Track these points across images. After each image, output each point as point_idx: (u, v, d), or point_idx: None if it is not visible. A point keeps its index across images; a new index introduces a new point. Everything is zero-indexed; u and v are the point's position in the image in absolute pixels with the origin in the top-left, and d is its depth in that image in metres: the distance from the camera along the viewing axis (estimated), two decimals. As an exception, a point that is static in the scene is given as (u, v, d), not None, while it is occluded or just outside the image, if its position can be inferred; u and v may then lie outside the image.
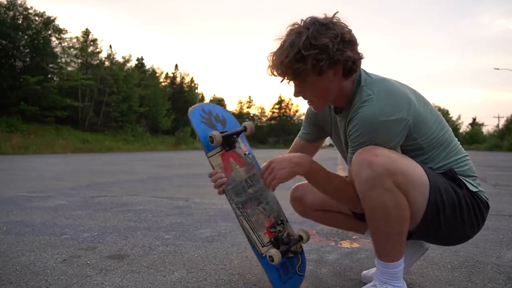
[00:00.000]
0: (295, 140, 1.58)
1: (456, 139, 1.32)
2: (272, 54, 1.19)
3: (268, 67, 1.21)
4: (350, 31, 1.16)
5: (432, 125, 1.23)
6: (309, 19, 1.15)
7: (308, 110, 1.49)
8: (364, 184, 1.14)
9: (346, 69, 1.16)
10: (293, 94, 1.25)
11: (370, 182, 1.12)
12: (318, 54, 1.11)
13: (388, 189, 1.11)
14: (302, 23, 1.15)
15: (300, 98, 1.26)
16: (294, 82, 1.21)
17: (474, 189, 1.24)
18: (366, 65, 1.26)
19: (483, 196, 1.26)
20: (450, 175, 1.23)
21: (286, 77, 1.20)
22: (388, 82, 1.21)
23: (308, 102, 1.27)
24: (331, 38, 1.11)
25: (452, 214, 1.19)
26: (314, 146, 1.56)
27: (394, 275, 1.22)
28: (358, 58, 1.17)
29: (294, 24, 1.17)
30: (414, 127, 1.18)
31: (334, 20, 1.15)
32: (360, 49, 1.19)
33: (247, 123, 1.40)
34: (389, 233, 1.17)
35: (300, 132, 1.56)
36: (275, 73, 1.20)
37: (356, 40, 1.17)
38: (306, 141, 1.54)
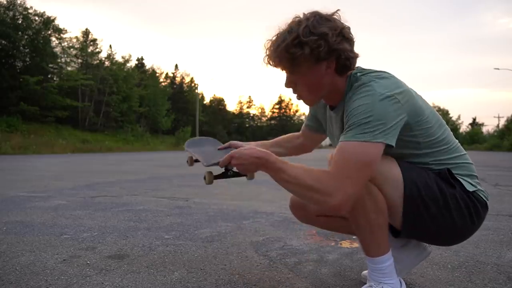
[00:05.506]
0: (302, 127, 1.63)
1: (457, 141, 1.31)
2: (268, 41, 1.19)
3: (264, 55, 1.20)
4: (349, 28, 1.17)
5: (430, 119, 1.20)
6: (310, 12, 1.16)
7: None
8: None
9: (340, 64, 1.16)
10: (284, 85, 1.23)
11: None
12: (317, 40, 1.11)
13: None
14: (303, 16, 1.15)
15: (291, 91, 1.24)
16: (287, 71, 1.19)
17: (472, 189, 1.22)
18: (365, 65, 1.26)
19: (481, 196, 1.24)
20: (442, 174, 1.22)
21: (280, 64, 1.18)
22: (383, 72, 1.21)
23: (297, 96, 1.25)
24: (330, 28, 1.12)
25: (438, 211, 1.18)
26: (314, 138, 1.59)
27: (383, 271, 1.24)
28: (353, 56, 1.17)
29: (295, 17, 1.16)
30: (410, 116, 1.14)
31: (335, 16, 1.16)
32: (359, 48, 1.19)
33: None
34: (368, 226, 1.20)
35: (305, 120, 1.60)
36: (270, 61, 1.19)
37: (353, 39, 1.17)
38: (308, 128, 1.58)
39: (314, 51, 1.12)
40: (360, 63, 1.22)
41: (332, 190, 1.06)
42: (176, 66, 53.23)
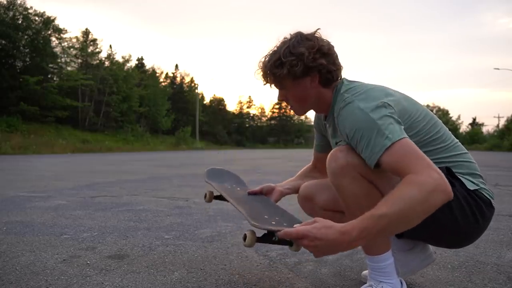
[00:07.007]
0: (313, 151, 1.64)
1: (457, 140, 1.31)
2: (259, 62, 1.34)
3: (255, 72, 1.35)
4: (328, 43, 1.28)
5: (423, 118, 1.23)
6: (295, 32, 1.29)
7: (314, 120, 1.57)
8: (333, 175, 1.22)
9: (323, 78, 1.27)
10: (277, 98, 1.38)
11: (337, 172, 1.20)
12: (293, 61, 1.23)
13: (354, 177, 1.18)
14: (289, 36, 1.29)
15: (284, 103, 1.38)
16: (276, 87, 1.33)
17: (473, 187, 1.21)
18: (365, 65, 1.27)
19: (484, 194, 1.23)
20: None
21: (268, 82, 1.33)
22: (367, 84, 1.28)
23: (290, 106, 1.37)
24: (308, 48, 1.24)
25: (438, 209, 1.14)
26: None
27: (383, 270, 1.24)
28: (335, 68, 1.27)
29: (284, 38, 1.29)
30: (399, 117, 1.17)
31: (316, 35, 1.28)
32: (360, 48, 1.21)
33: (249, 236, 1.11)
34: None
35: (314, 145, 1.62)
36: (259, 77, 1.34)
37: (334, 53, 1.28)
38: (318, 151, 1.59)
39: (290, 71, 1.25)
40: (361, 63, 1.25)
41: (434, 182, 1.01)
42: (176, 66, 53.20)
